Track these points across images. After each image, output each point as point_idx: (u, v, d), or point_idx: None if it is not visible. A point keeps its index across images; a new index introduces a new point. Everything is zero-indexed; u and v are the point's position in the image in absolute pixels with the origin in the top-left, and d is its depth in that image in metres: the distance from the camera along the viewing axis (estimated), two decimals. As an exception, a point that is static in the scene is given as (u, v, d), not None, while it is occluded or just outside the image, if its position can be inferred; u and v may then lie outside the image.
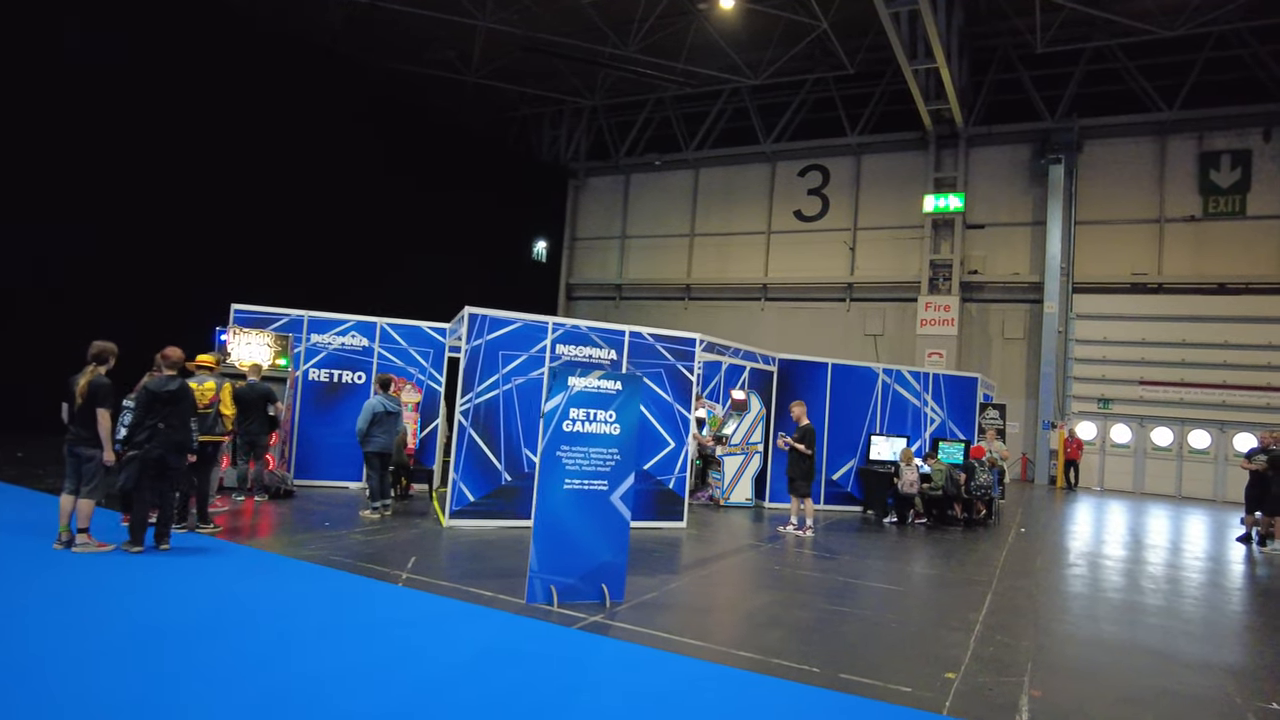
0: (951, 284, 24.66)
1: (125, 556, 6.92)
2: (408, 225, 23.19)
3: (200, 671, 4.42)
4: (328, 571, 7.01)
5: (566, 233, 32.23)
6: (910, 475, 12.41)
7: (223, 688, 4.22)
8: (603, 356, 10.07)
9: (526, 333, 9.72)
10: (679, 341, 10.59)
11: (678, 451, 10.43)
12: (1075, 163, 23.71)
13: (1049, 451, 22.80)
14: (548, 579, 6.37)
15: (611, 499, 6.58)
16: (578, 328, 9.98)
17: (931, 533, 11.96)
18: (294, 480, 11.85)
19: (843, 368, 13.78)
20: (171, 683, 4.24)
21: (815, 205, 27.85)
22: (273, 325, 11.91)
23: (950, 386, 14.59)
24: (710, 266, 29.48)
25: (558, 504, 6.42)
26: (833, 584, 7.91)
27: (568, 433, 6.46)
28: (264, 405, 10.43)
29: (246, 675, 4.42)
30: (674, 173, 30.38)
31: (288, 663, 4.68)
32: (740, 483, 13.13)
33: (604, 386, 6.58)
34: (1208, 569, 10.57)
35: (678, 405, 10.46)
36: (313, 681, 4.41)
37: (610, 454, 6.57)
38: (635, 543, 9.18)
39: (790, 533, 10.74)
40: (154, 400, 6.97)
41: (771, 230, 28.44)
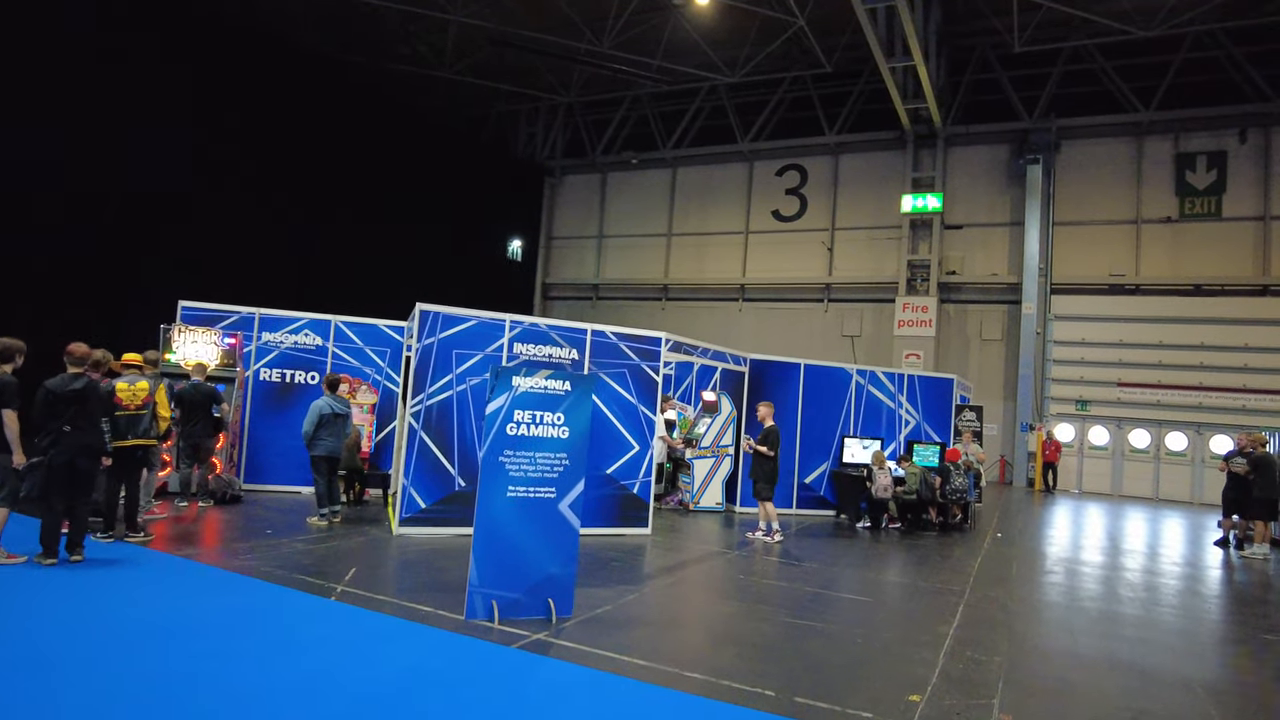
0: (929, 285, 24.43)
1: (35, 570, 6.42)
2: (376, 222, 22.64)
3: (67, 700, 3.95)
4: (256, 584, 6.55)
5: (543, 231, 31.76)
6: (883, 479, 12.07)
7: None
8: (563, 356, 9.65)
9: (482, 331, 9.29)
10: (644, 341, 10.19)
11: (642, 454, 10.03)
12: (1053, 163, 23.57)
13: (1027, 454, 22.61)
14: (488, 593, 5.94)
15: (560, 507, 6.16)
16: (536, 326, 9.55)
17: (905, 538, 11.63)
18: (243, 485, 11.36)
19: (815, 368, 13.44)
20: (27, 716, 3.78)
21: (793, 205, 27.56)
22: (222, 323, 11.40)
23: (925, 388, 14.29)
24: (688, 267, 29.12)
25: (500, 513, 5.99)
26: (798, 595, 7.53)
27: (511, 436, 6.04)
28: (209, 406, 9.94)
29: (119, 706, 3.96)
30: (651, 171, 30.01)
31: (171, 691, 4.22)
32: (710, 486, 12.75)
33: (551, 387, 6.16)
34: (1186, 575, 10.30)
35: (642, 407, 10.06)
36: (198, 714, 3.96)
37: (558, 459, 6.15)
38: (595, 551, 8.79)
39: (759, 539, 10.37)
40: (55, 401, 6.48)
41: (749, 230, 28.13)
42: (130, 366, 7.99)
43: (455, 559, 7.90)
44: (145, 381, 7.85)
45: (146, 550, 7.45)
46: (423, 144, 25.55)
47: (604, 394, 9.82)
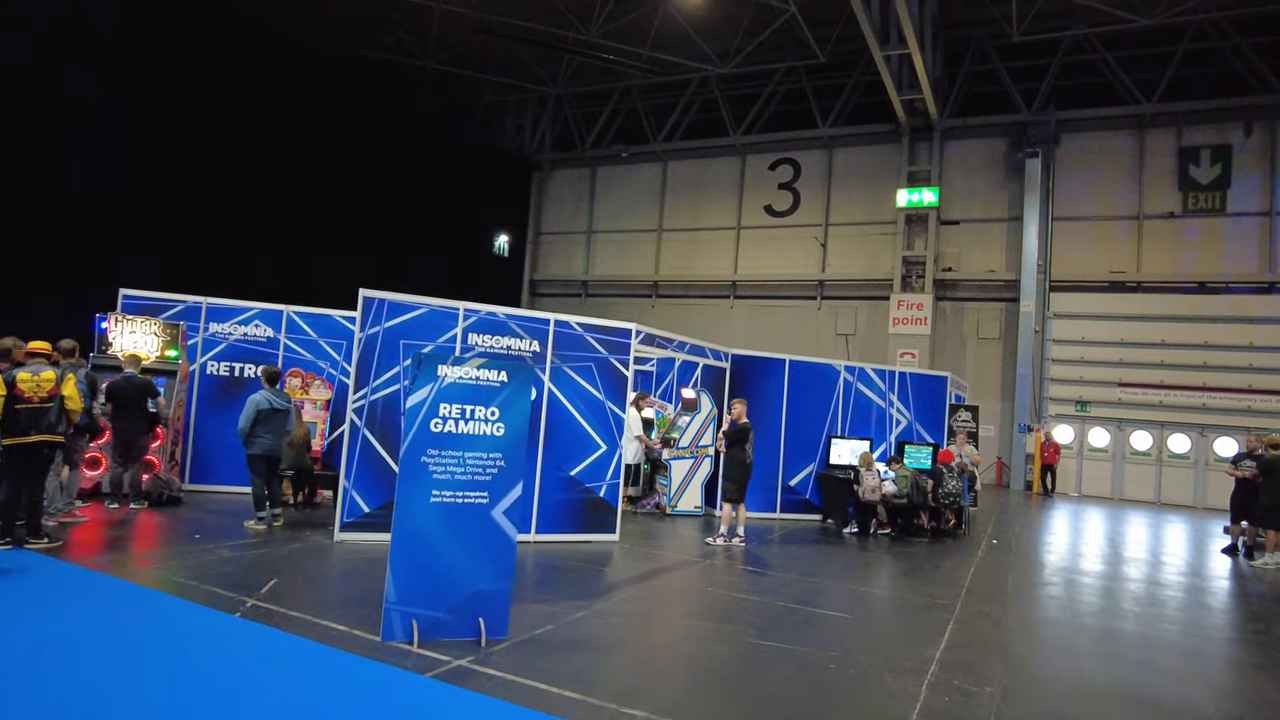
0: (925, 282, 23.73)
1: (-96, 582, 5.71)
2: (354, 217, 21.90)
3: None
4: (159, 597, 5.83)
5: (530, 226, 31.04)
6: (871, 481, 11.36)
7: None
8: (524, 349, 8.93)
9: (433, 320, 8.57)
10: (612, 332, 9.47)
11: (610, 455, 9.31)
12: (1053, 157, 22.87)
13: (1025, 456, 21.90)
14: (408, 612, 5.23)
15: (493, 514, 5.44)
16: (494, 315, 8.83)
17: (895, 545, 10.91)
18: (188, 486, 10.66)
19: (801, 365, 12.72)
20: None
21: (786, 200, 26.86)
22: (166, 313, 10.68)
23: (918, 386, 13.58)
24: (679, 263, 28.41)
25: (422, 520, 5.28)
26: (770, 610, 6.81)
27: (436, 434, 5.32)
28: (142, 401, 9.22)
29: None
30: (642, 166, 29.29)
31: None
32: (689, 489, 12.04)
33: (485, 377, 5.44)
34: (1194, 587, 9.59)
35: (610, 403, 9.34)
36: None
37: (492, 460, 5.43)
38: (552, 560, 8.08)
39: (718, 544, 9.66)
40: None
41: (741, 226, 27.42)
42: (36, 355, 7.26)
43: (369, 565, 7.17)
44: (51, 371, 7.13)
45: (46, 559, 6.72)
46: (404, 135, 24.87)
47: (568, 389, 9.11)
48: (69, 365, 7.99)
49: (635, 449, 12.10)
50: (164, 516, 9.02)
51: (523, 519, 8.77)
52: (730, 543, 9.68)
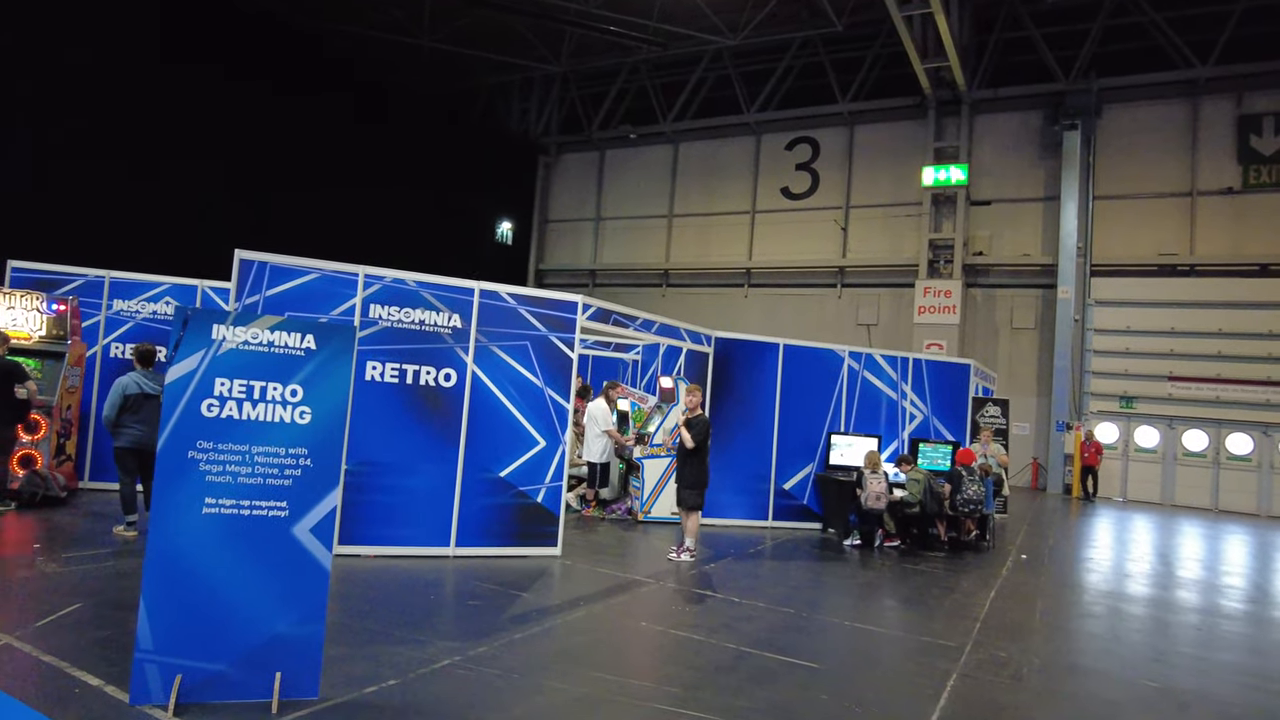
0: (953, 267, 21.82)
1: None
2: (350, 204, 20.53)
3: None
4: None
5: (536, 213, 29.62)
6: (876, 486, 9.68)
7: None
8: (440, 323, 7.43)
9: (325, 287, 7.11)
10: (553, 305, 7.92)
11: (550, 452, 7.77)
12: (1094, 129, 20.78)
13: (1063, 456, 19.91)
14: (168, 663, 3.74)
15: (295, 532, 3.94)
16: (402, 282, 7.34)
17: (903, 561, 9.23)
18: (86, 483, 9.38)
19: (799, 350, 11.07)
20: None
21: (804, 181, 25.08)
22: (62, 288, 9.39)
23: (936, 375, 11.84)
24: (690, 250, 26.78)
25: (191, 538, 3.80)
26: (714, 656, 5.23)
27: (211, 420, 3.84)
28: (6, 386, 7.90)
29: None
30: (651, 148, 27.70)
31: None
32: (665, 492, 10.44)
33: (282, 343, 3.95)
34: (1272, 620, 7.77)
35: (551, 390, 7.80)
36: None
37: (292, 458, 3.93)
38: (467, 580, 6.58)
39: (683, 559, 8.09)
40: None
41: (756, 210, 25.69)
42: None
43: None
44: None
45: None
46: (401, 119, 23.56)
47: (497, 374, 7.59)
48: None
49: (604, 445, 10.56)
50: (22, 520, 7.69)
51: (438, 529, 7.30)
52: (677, 555, 8.13)
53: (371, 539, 7.11)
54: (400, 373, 7.24)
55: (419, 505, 7.27)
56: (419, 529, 7.27)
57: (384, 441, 7.17)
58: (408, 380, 7.26)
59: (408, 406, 7.26)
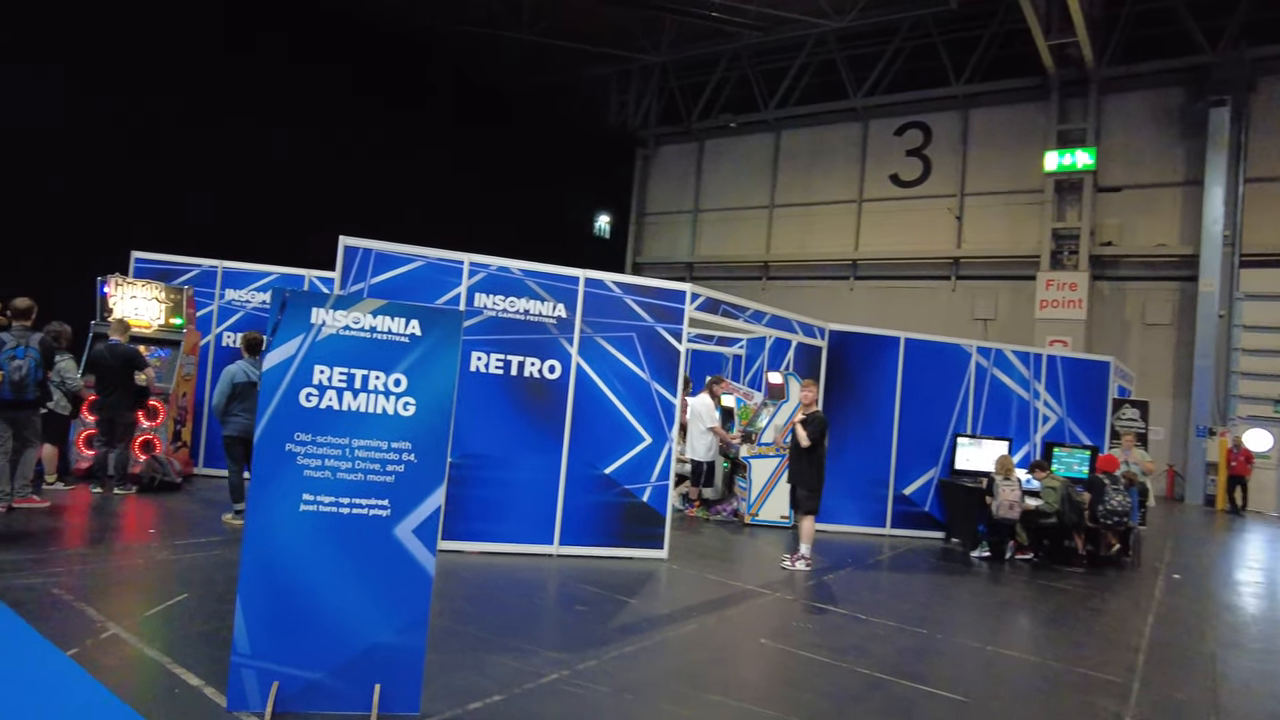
0: (1079, 258, 20.28)
1: None
2: (449, 200, 20.66)
3: None
4: (0, 622, 4.40)
5: (634, 207, 29.35)
6: (1009, 493, 8.86)
7: None
8: (545, 313, 7.12)
9: (430, 275, 6.90)
10: (660, 295, 7.50)
11: (656, 450, 7.36)
12: (1245, 106, 18.86)
13: (1205, 465, 18.19)
14: (265, 669, 3.51)
15: (397, 533, 3.64)
16: (507, 271, 7.06)
17: (1039, 576, 8.40)
18: (200, 469, 9.58)
19: (921, 344, 10.31)
20: None
21: (915, 168, 23.86)
22: (179, 278, 9.60)
23: (1072, 373, 10.83)
24: (792, 241, 25.95)
25: (288, 537, 3.55)
26: (845, 682, 4.69)
27: (310, 410, 3.58)
28: (126, 373, 8.07)
29: None
30: (752, 136, 26.97)
31: None
32: (773, 494, 9.88)
33: (385, 329, 3.65)
34: None
35: (657, 384, 7.38)
36: None
37: (395, 452, 3.64)
38: (570, 582, 6.25)
39: (798, 568, 7.54)
40: None
41: (863, 199, 24.63)
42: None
43: None
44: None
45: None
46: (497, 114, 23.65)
47: (603, 366, 7.23)
48: (20, 330, 6.85)
49: (708, 443, 10.09)
50: (141, 505, 7.82)
51: (541, 526, 7.00)
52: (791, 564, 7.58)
53: (473, 534, 6.87)
54: (505, 364, 6.98)
55: (522, 501, 6.99)
56: (521, 525, 6.99)
57: (488, 434, 6.92)
58: (512, 371, 6.99)
59: (512, 399, 6.99)
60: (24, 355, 6.68)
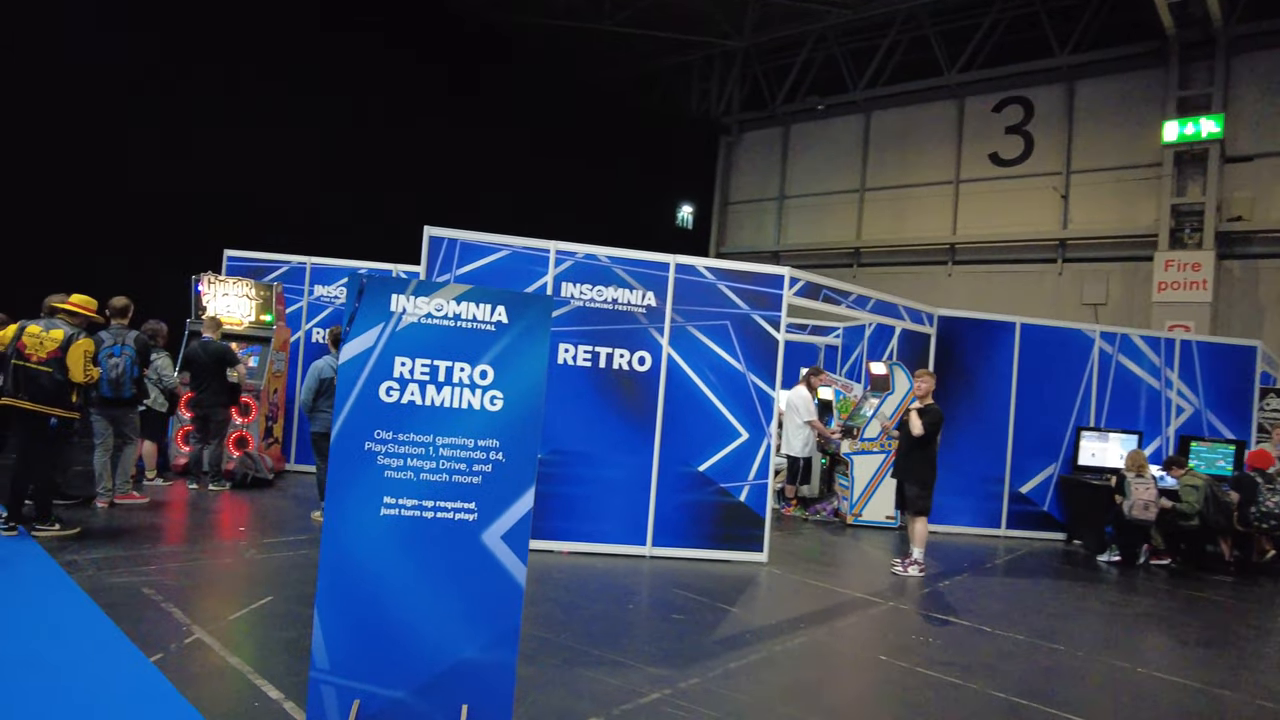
0: (1202, 235, 18.66)
1: None
2: (531, 193, 20.61)
3: None
4: (92, 617, 4.31)
5: (717, 196, 28.76)
6: (1145, 492, 8.02)
7: None
8: (634, 301, 6.74)
9: (515, 265, 6.61)
10: (756, 280, 7.03)
11: (754, 446, 6.89)
12: (1400, 60, 16.98)
13: (1355, 460, 16.45)
14: (346, 686, 3.24)
15: (484, 539, 3.32)
16: (594, 258, 6.72)
17: (1180, 585, 7.57)
18: (292, 466, 9.63)
19: (1038, 330, 9.51)
20: None
21: (1015, 146, 22.49)
22: (269, 275, 9.66)
23: (1209, 360, 9.81)
24: (883, 225, 24.91)
25: (368, 543, 3.27)
26: (975, 708, 4.15)
27: (390, 405, 3.28)
28: (219, 369, 8.11)
29: None
30: (840, 119, 26.00)
31: None
32: (878, 493, 9.27)
33: (470, 315, 3.32)
34: None
35: (754, 376, 6.91)
36: None
37: (483, 450, 3.31)
38: (664, 586, 5.87)
39: (909, 574, 6.95)
40: None
41: (960, 179, 23.39)
42: (63, 310, 6.09)
43: None
44: (61, 330, 5.93)
45: (30, 549, 5.52)
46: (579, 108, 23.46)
47: (695, 357, 6.81)
48: (118, 328, 6.90)
49: (806, 438, 9.55)
50: (234, 501, 7.84)
51: (633, 525, 6.64)
52: (904, 570, 7.00)
53: (563, 533, 6.58)
54: (593, 355, 6.64)
55: (613, 499, 6.66)
56: (613, 525, 6.66)
57: (577, 429, 6.61)
58: (600, 364, 6.65)
59: (601, 392, 6.65)
60: (120, 353, 6.71)
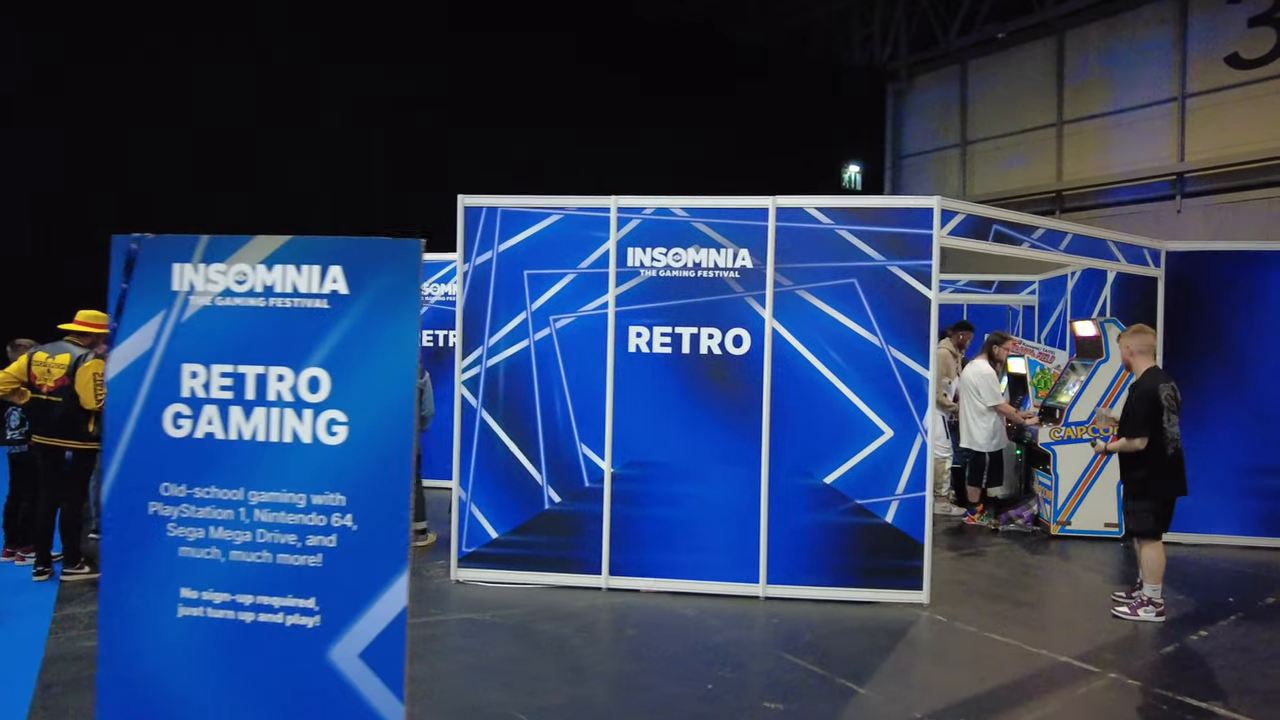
0: None
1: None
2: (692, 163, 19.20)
3: None
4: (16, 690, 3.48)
5: (888, 151, 26.02)
6: None
7: None
8: (722, 263, 5.17)
9: (571, 231, 5.26)
10: (894, 219, 5.16)
11: (903, 447, 5.09)
12: None
13: None
14: None
15: (333, 657, 1.98)
16: (669, 212, 5.20)
17: None
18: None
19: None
20: None
21: (1264, 42, 18.09)
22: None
23: None
24: (1089, 162, 21.19)
25: (163, 658, 2.04)
26: None
27: (181, 443, 2.03)
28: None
29: None
30: (1026, 46, 22.46)
31: None
32: (1091, 492, 7.04)
33: (288, 287, 2.00)
34: None
35: (895, 351, 5.10)
36: None
37: (322, 513, 1.98)
38: (773, 647, 4.32)
39: (1141, 618, 4.84)
40: None
41: (1186, 94, 19.28)
42: (70, 332, 5.50)
43: (522, 637, 4.14)
44: (67, 353, 5.31)
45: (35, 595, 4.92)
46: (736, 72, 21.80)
47: (809, 331, 5.12)
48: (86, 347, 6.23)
49: (992, 427, 7.45)
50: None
51: (740, 558, 5.12)
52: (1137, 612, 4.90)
53: (649, 568, 5.17)
54: (673, 339, 5.16)
55: (711, 523, 5.15)
56: (713, 556, 5.15)
57: (659, 435, 5.17)
58: (683, 348, 5.16)
59: (687, 385, 5.17)
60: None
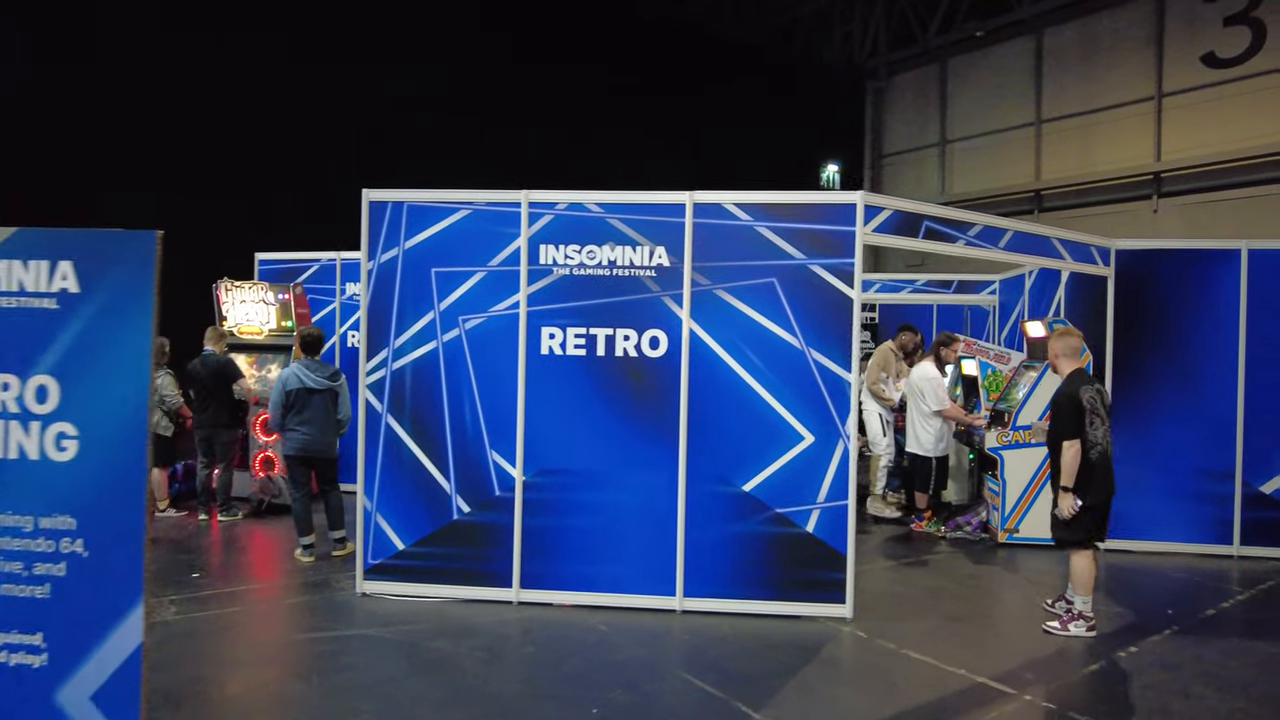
0: None
1: None
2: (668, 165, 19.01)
3: None
4: None
5: (868, 150, 25.81)
6: None
7: None
8: (638, 261, 4.94)
9: (480, 227, 5.03)
10: (815, 215, 4.95)
11: (823, 453, 4.87)
12: None
13: None
14: None
15: (62, 699, 1.75)
16: (582, 208, 4.97)
17: None
18: (343, 486, 8.62)
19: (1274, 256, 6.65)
20: None
21: (1238, 40, 17.99)
22: (302, 275, 8.74)
23: None
24: (1068, 160, 21.04)
25: None
26: None
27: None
28: (221, 385, 7.20)
29: None
30: (1005, 45, 22.30)
31: None
32: (1040, 500, 6.83)
33: (13, 285, 1.76)
34: None
35: (816, 353, 4.88)
36: None
37: (49, 537, 1.74)
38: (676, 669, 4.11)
39: (1071, 632, 4.65)
40: None
41: (1163, 92, 19.15)
42: None
43: (398, 657, 3.92)
44: None
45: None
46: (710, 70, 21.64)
47: (728, 332, 4.90)
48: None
49: (937, 430, 7.26)
50: (234, 535, 6.89)
51: (656, 569, 4.90)
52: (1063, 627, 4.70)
53: (561, 581, 4.95)
54: (587, 340, 4.94)
55: (626, 533, 4.94)
56: (628, 567, 4.93)
57: (572, 441, 4.96)
58: (598, 350, 4.93)
59: (602, 388, 4.94)
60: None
